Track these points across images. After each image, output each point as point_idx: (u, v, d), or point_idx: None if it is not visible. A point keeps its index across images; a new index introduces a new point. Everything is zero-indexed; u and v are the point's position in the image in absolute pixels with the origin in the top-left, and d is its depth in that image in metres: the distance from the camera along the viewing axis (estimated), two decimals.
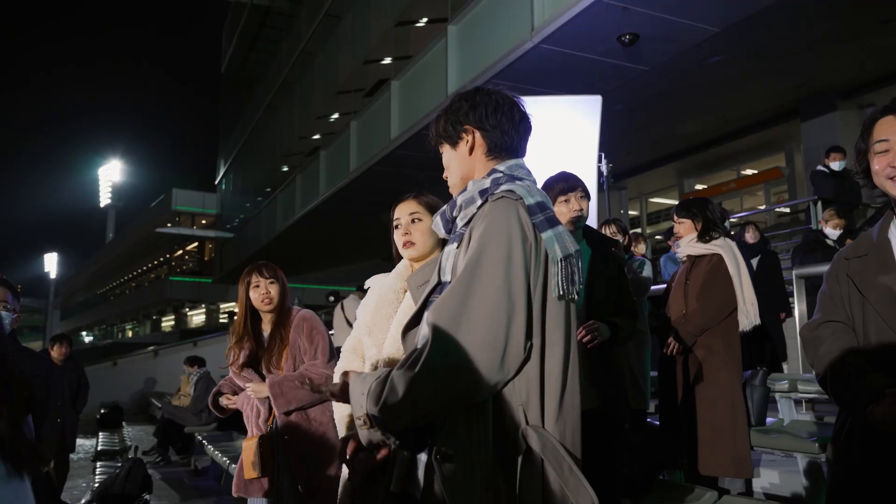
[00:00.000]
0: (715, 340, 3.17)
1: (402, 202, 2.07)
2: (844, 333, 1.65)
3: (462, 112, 1.49)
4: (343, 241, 18.83)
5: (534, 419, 1.26)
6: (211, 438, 6.46)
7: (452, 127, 1.49)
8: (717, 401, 3.06)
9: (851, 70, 9.61)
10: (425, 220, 2.01)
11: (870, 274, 1.61)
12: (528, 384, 1.27)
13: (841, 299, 1.67)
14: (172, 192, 38.75)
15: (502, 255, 1.27)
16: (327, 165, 15.34)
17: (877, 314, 1.57)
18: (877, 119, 1.61)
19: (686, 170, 15.36)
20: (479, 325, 1.22)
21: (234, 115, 27.44)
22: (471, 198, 1.42)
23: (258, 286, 2.89)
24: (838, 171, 6.99)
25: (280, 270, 2.99)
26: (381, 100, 12.43)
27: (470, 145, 1.48)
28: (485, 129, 1.47)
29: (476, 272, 1.26)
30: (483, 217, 1.34)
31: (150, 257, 45.59)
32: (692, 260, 3.42)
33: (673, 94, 9.87)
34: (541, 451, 1.23)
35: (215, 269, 32.10)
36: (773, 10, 6.99)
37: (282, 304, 2.92)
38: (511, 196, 1.35)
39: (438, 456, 1.24)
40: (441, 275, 1.44)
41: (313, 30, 16.85)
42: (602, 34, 7.43)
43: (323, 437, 2.79)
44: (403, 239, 2.00)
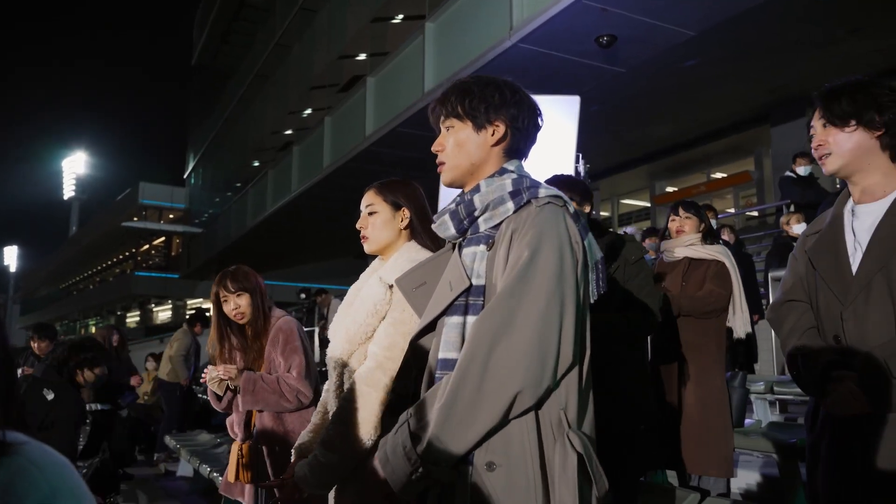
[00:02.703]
0: (708, 341, 3.17)
1: (365, 193, 1.98)
2: (803, 313, 1.77)
3: (502, 101, 1.42)
4: (315, 238, 18.66)
5: (573, 422, 1.26)
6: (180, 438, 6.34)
7: (485, 110, 1.42)
8: (711, 401, 3.07)
9: (822, 77, 9.60)
10: (381, 213, 1.92)
11: (822, 248, 1.75)
12: (568, 388, 1.26)
13: (800, 277, 1.80)
14: (139, 186, 38.05)
15: (555, 262, 1.25)
16: (300, 161, 15.18)
17: (826, 286, 1.70)
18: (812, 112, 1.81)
19: (657, 172, 15.53)
20: (531, 330, 1.21)
21: (204, 108, 27.02)
22: (499, 199, 1.37)
23: (227, 301, 2.67)
24: (805, 176, 7.10)
25: (252, 276, 2.74)
26: (357, 96, 12.33)
27: (497, 137, 1.43)
28: (517, 128, 1.44)
29: (529, 278, 1.24)
30: (531, 222, 1.30)
31: (116, 252, 44.73)
32: (687, 263, 3.33)
33: (647, 97, 9.96)
34: (584, 454, 1.23)
35: (182, 265, 31.63)
36: (748, 16, 7.08)
37: (255, 314, 2.69)
38: (557, 202, 1.34)
39: (485, 465, 1.22)
40: (472, 277, 1.37)
41: (288, 23, 16.67)
42: (580, 35, 7.45)
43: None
44: (362, 233, 1.93)
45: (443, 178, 1.47)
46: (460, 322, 1.33)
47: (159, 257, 40.81)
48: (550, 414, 1.25)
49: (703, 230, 3.39)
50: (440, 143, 1.47)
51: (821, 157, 1.75)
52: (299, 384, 2.61)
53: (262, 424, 2.70)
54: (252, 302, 2.68)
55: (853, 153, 1.70)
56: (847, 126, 1.69)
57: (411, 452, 1.22)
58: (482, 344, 1.22)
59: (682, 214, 3.41)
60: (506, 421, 1.22)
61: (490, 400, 1.19)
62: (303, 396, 2.61)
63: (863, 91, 1.70)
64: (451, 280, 1.39)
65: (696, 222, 3.38)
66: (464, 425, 1.20)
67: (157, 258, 40.96)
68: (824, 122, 1.73)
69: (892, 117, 1.66)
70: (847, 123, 1.69)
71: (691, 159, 14.28)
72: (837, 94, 1.72)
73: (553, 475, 1.22)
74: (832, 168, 1.74)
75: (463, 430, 1.20)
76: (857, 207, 1.74)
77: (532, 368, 1.19)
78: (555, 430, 1.24)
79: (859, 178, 1.72)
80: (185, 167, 31.44)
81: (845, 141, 1.70)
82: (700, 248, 3.34)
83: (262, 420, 2.70)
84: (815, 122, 1.78)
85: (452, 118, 1.44)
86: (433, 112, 1.49)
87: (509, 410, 1.20)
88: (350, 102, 12.69)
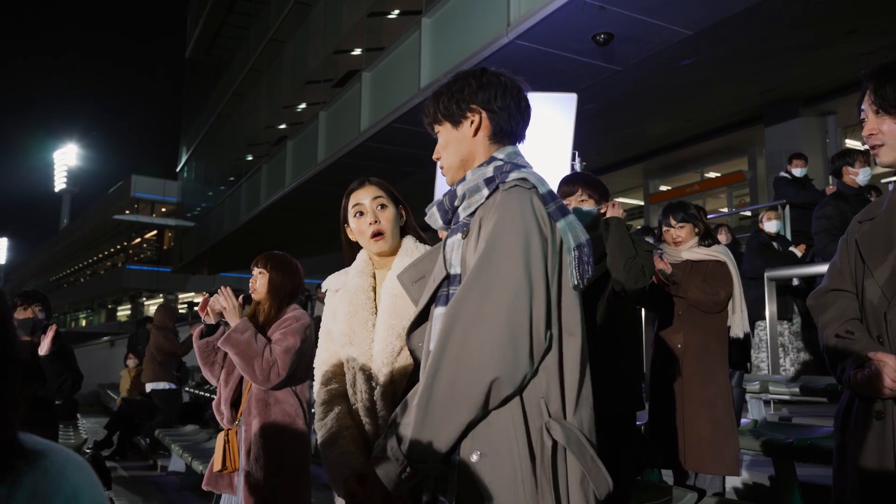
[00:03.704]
0: (712, 341, 3.17)
1: (360, 187, 1.89)
2: (848, 303, 1.64)
3: (469, 91, 1.41)
4: (308, 233, 18.61)
5: (555, 411, 1.25)
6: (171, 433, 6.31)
7: (457, 105, 1.41)
8: (717, 400, 3.07)
9: (816, 78, 9.82)
10: (390, 208, 1.86)
11: (874, 239, 1.61)
12: (548, 376, 1.25)
13: (848, 266, 1.66)
14: (132, 179, 37.91)
15: (519, 245, 1.24)
16: (294, 155, 15.13)
17: (874, 281, 1.57)
18: (863, 93, 1.65)
19: (651, 171, 15.55)
20: (501, 317, 1.19)
21: (198, 101, 26.87)
22: (475, 186, 1.36)
23: (252, 275, 2.80)
24: (799, 178, 7.13)
25: (287, 263, 2.82)
26: (352, 91, 12.29)
27: (475, 126, 1.42)
28: (492, 111, 1.41)
29: (493, 264, 1.23)
30: (496, 207, 1.29)
31: (107, 245, 44.53)
32: (689, 265, 3.30)
33: (642, 96, 9.96)
34: (566, 444, 1.22)
35: (174, 259, 31.50)
36: (744, 17, 7.08)
37: (272, 295, 2.76)
38: (524, 185, 1.32)
39: (471, 456, 1.22)
40: (448, 267, 1.37)
41: (283, 17, 16.58)
42: (578, 32, 7.44)
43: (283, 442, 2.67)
44: (373, 228, 1.81)
45: (447, 181, 1.48)
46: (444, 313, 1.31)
47: (151, 251, 40.67)
48: (531, 402, 1.24)
49: (699, 233, 3.37)
50: (437, 151, 1.49)
51: (873, 146, 1.60)
52: (280, 359, 2.60)
53: (247, 410, 2.70)
54: (271, 282, 2.75)
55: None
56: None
57: (398, 453, 1.23)
58: (452, 336, 1.21)
59: (674, 224, 3.35)
60: (486, 412, 1.21)
61: (466, 393, 1.19)
62: (274, 373, 2.59)
63: None
64: (434, 272, 1.40)
65: (689, 228, 3.34)
66: (443, 421, 1.20)
67: (149, 252, 40.81)
68: (876, 108, 1.58)
69: None
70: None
71: (685, 158, 14.30)
72: (890, 77, 1.56)
73: (536, 465, 1.22)
74: (886, 160, 1.59)
75: (444, 426, 1.20)
76: None
77: (506, 356, 1.18)
78: (536, 418, 1.24)
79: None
80: (178, 160, 31.27)
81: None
82: (700, 250, 3.33)
83: (247, 406, 2.70)
84: (865, 105, 1.61)
85: (436, 124, 1.47)
86: (427, 126, 1.52)
87: (487, 401, 1.20)
88: (345, 97, 12.64)
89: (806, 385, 3.72)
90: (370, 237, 1.82)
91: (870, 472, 1.53)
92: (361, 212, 1.85)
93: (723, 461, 3.04)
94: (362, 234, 1.84)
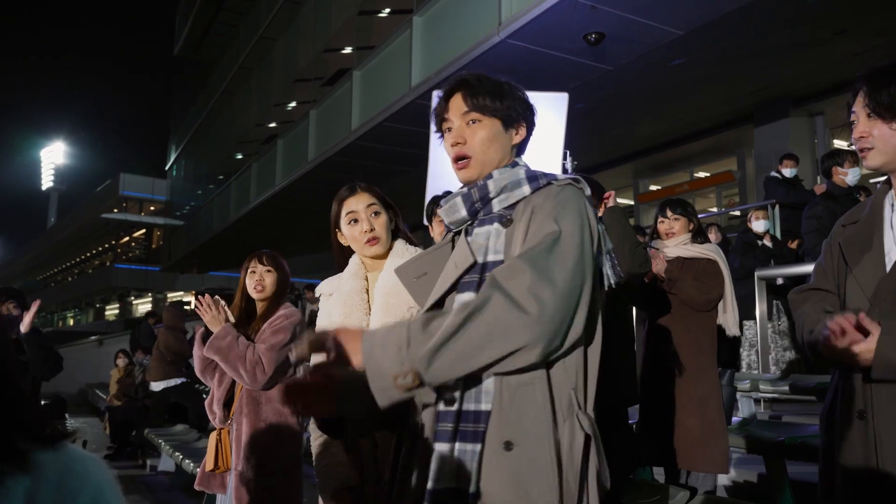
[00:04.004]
0: (703, 339, 3.19)
1: (353, 195, 1.94)
2: (828, 296, 1.68)
3: (524, 105, 1.48)
4: (299, 232, 18.56)
5: (581, 404, 1.27)
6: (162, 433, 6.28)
7: (517, 111, 1.46)
8: (709, 399, 3.08)
9: (805, 78, 9.88)
10: (383, 214, 1.92)
11: (857, 241, 1.64)
12: (578, 369, 1.27)
13: (832, 268, 1.70)
14: (120, 177, 37.65)
15: (578, 235, 1.26)
16: (284, 154, 15.08)
17: (855, 282, 1.60)
18: (855, 94, 1.66)
19: (641, 170, 15.61)
20: (563, 288, 1.19)
21: (187, 99, 26.73)
22: (515, 182, 1.38)
23: (254, 272, 2.78)
24: (790, 178, 7.19)
25: (283, 261, 2.86)
26: (342, 89, 12.26)
27: (520, 137, 1.47)
28: (530, 128, 1.49)
29: (559, 243, 1.24)
30: (553, 198, 1.32)
31: (95, 243, 44.24)
32: (680, 262, 3.32)
33: (633, 95, 9.98)
34: (594, 438, 1.24)
35: (163, 258, 31.32)
36: (735, 17, 7.12)
37: (275, 295, 2.80)
38: (577, 185, 1.36)
39: (503, 445, 1.20)
40: (478, 255, 1.36)
41: (273, 15, 16.52)
42: (569, 32, 7.46)
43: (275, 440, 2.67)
44: (368, 235, 1.87)
45: (468, 173, 1.43)
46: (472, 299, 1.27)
47: (139, 249, 40.45)
48: (561, 393, 1.24)
49: (692, 229, 3.39)
50: (461, 136, 1.43)
51: (862, 149, 1.62)
52: (264, 356, 2.61)
53: (239, 409, 2.70)
54: (277, 281, 2.80)
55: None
56: (894, 121, 1.56)
57: (405, 354, 1.17)
58: (520, 284, 1.17)
59: (670, 216, 3.39)
60: (504, 367, 1.18)
61: (508, 334, 1.15)
62: (260, 371, 2.60)
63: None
64: (456, 260, 1.37)
65: (685, 222, 3.37)
66: (470, 350, 1.15)
67: (138, 250, 40.59)
68: (868, 111, 1.59)
69: None
70: (895, 118, 1.55)
71: (675, 158, 14.36)
72: (886, 81, 1.57)
73: (562, 456, 1.22)
74: (874, 164, 1.61)
75: (467, 357, 1.16)
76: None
77: (555, 322, 1.17)
78: (565, 410, 1.24)
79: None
80: (167, 159, 31.09)
81: (891, 137, 1.57)
82: (692, 247, 3.34)
83: (239, 405, 2.70)
84: (857, 107, 1.63)
85: (479, 112, 1.43)
86: (448, 98, 1.46)
87: (514, 356, 1.17)
88: (335, 96, 12.61)
89: (795, 384, 3.74)
90: (365, 242, 1.88)
91: (855, 472, 1.55)
92: (356, 219, 1.89)
93: (714, 460, 3.05)
94: (356, 240, 1.89)
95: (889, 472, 1.49)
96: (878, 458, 1.50)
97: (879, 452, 1.50)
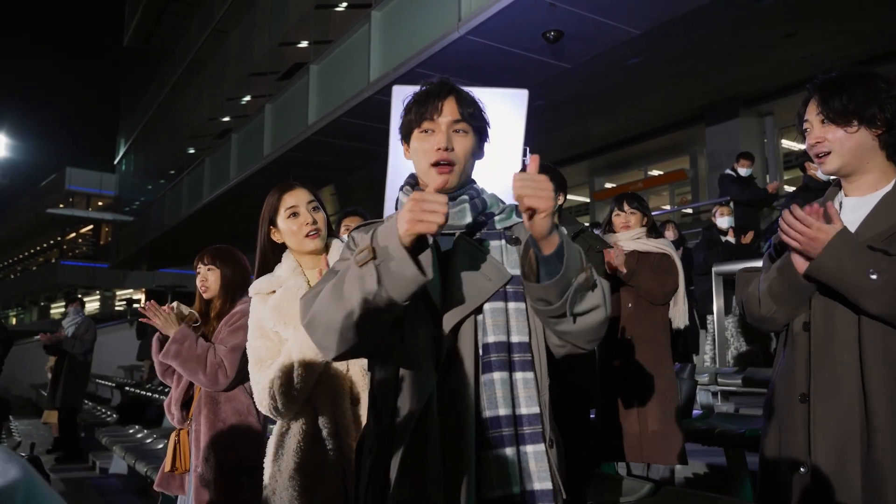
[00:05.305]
0: (657, 333, 3.23)
1: (291, 190, 1.97)
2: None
3: (485, 114, 1.51)
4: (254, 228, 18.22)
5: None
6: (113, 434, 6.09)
7: (487, 123, 1.50)
8: (666, 391, 3.12)
9: (755, 80, 10.12)
10: (321, 211, 1.95)
11: None
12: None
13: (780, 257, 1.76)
14: (66, 171, 36.47)
15: None
16: (239, 149, 14.80)
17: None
18: (805, 103, 1.73)
19: (597, 168, 15.80)
20: None
21: (137, 91, 26.02)
22: (510, 208, 1.48)
23: (199, 273, 2.71)
24: (745, 177, 7.36)
25: (235, 260, 2.76)
26: (299, 84, 12.08)
27: (482, 154, 1.52)
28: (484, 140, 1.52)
29: None
30: None
31: (40, 240, 42.80)
32: (636, 257, 3.34)
33: (590, 94, 10.09)
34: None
35: (112, 254, 30.45)
36: (689, 18, 7.24)
37: (224, 291, 2.71)
38: None
39: (550, 443, 1.35)
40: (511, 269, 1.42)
41: (227, 7, 16.18)
42: (528, 29, 7.48)
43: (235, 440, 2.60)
44: (308, 228, 1.90)
45: (450, 179, 1.41)
46: (502, 307, 1.38)
47: (87, 246, 39.30)
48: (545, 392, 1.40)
49: (646, 224, 3.44)
50: (450, 143, 1.43)
51: (818, 154, 1.67)
52: (226, 358, 2.54)
53: (197, 409, 2.63)
54: (223, 278, 2.70)
55: (854, 153, 1.63)
56: (849, 126, 1.61)
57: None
58: None
59: (626, 209, 3.43)
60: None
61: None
62: (223, 374, 2.53)
63: (863, 86, 1.61)
64: (488, 273, 1.39)
65: (640, 216, 3.42)
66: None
67: (85, 247, 39.43)
68: (822, 118, 1.65)
69: (893, 114, 1.59)
70: (849, 122, 1.61)
71: (630, 156, 14.58)
72: (836, 89, 1.63)
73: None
74: (831, 168, 1.66)
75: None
76: (845, 200, 1.69)
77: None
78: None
79: (856, 177, 1.66)
80: (116, 153, 30.23)
81: (846, 140, 1.62)
82: (647, 241, 3.39)
83: (198, 405, 2.63)
84: (810, 116, 1.69)
85: (466, 123, 1.45)
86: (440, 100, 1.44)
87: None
88: (292, 90, 12.42)
89: (751, 376, 3.83)
90: (305, 236, 1.89)
91: (797, 455, 1.60)
92: (296, 213, 1.92)
93: (672, 452, 3.09)
94: (295, 233, 1.91)
95: (828, 454, 1.53)
96: (816, 440, 1.56)
97: (816, 435, 1.56)
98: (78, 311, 7.73)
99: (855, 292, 1.51)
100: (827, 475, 1.52)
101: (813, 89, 1.69)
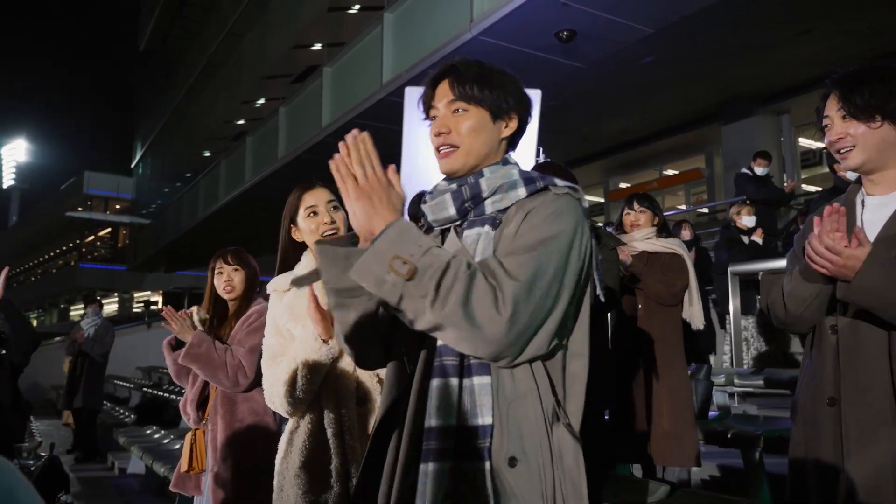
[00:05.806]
0: (671, 333, 3.21)
1: (312, 189, 1.98)
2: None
3: (517, 97, 1.39)
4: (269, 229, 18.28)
5: (565, 415, 1.27)
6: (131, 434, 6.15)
7: (506, 103, 1.37)
8: (679, 392, 3.10)
9: (771, 77, 10.03)
10: (341, 210, 1.94)
11: None
12: (565, 378, 1.28)
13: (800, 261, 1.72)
14: (84, 175, 36.92)
15: (566, 243, 1.22)
16: (254, 151, 14.90)
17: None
18: (825, 99, 1.69)
19: (611, 168, 15.73)
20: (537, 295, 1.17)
21: (152, 95, 26.26)
22: (511, 183, 1.32)
23: (221, 273, 2.72)
24: (761, 176, 7.30)
25: (251, 260, 2.81)
26: (313, 86, 12.14)
27: (510, 130, 1.39)
28: (523, 122, 1.41)
29: (543, 247, 1.20)
30: (549, 204, 1.26)
31: (59, 243, 43.30)
32: (645, 257, 3.34)
33: (603, 93, 10.04)
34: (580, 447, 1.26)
35: (129, 257, 30.76)
36: (704, 16, 7.19)
37: (246, 293, 2.75)
38: (575, 195, 1.31)
39: (507, 462, 1.18)
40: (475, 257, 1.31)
41: (241, 11, 16.29)
42: (541, 29, 7.47)
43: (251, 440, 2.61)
44: (326, 227, 1.92)
45: (451, 162, 1.36)
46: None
47: (105, 249, 39.70)
48: (548, 404, 1.23)
49: (657, 223, 3.42)
50: (446, 125, 1.36)
51: (841, 150, 1.63)
52: (245, 360, 2.56)
53: (214, 409, 2.64)
54: (246, 279, 2.75)
55: (877, 148, 1.59)
56: (872, 121, 1.58)
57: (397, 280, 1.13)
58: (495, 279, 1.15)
59: (636, 208, 3.42)
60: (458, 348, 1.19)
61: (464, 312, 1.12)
62: (242, 375, 2.56)
63: (885, 80, 1.58)
64: None
65: (650, 216, 3.41)
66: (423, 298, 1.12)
67: (103, 250, 39.83)
68: (844, 113, 1.61)
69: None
70: (872, 118, 1.57)
71: (645, 155, 14.49)
72: (857, 84, 1.60)
73: (556, 467, 1.21)
74: (855, 163, 1.62)
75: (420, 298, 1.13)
76: (868, 199, 1.66)
77: (514, 326, 1.13)
78: (553, 421, 1.23)
79: (878, 174, 1.63)
80: (133, 156, 30.53)
81: (869, 135, 1.59)
82: (656, 241, 3.38)
83: (214, 405, 2.65)
84: (830, 111, 1.65)
85: (464, 101, 1.36)
86: (435, 85, 1.40)
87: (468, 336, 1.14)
88: (305, 93, 12.48)
89: (770, 377, 3.79)
90: (322, 235, 1.91)
91: (827, 460, 1.57)
92: (316, 212, 1.94)
93: (686, 454, 3.07)
94: (313, 232, 1.92)
95: (859, 459, 1.51)
96: (849, 446, 1.53)
97: (848, 440, 1.53)
98: (96, 313, 7.81)
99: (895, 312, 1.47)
100: (860, 481, 1.50)
101: (832, 84, 1.66)
